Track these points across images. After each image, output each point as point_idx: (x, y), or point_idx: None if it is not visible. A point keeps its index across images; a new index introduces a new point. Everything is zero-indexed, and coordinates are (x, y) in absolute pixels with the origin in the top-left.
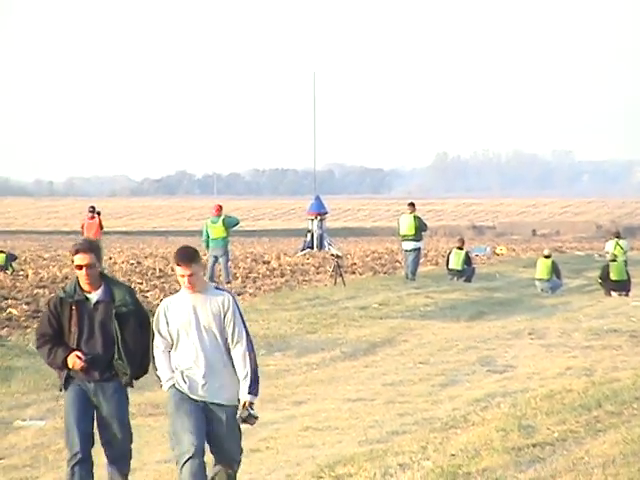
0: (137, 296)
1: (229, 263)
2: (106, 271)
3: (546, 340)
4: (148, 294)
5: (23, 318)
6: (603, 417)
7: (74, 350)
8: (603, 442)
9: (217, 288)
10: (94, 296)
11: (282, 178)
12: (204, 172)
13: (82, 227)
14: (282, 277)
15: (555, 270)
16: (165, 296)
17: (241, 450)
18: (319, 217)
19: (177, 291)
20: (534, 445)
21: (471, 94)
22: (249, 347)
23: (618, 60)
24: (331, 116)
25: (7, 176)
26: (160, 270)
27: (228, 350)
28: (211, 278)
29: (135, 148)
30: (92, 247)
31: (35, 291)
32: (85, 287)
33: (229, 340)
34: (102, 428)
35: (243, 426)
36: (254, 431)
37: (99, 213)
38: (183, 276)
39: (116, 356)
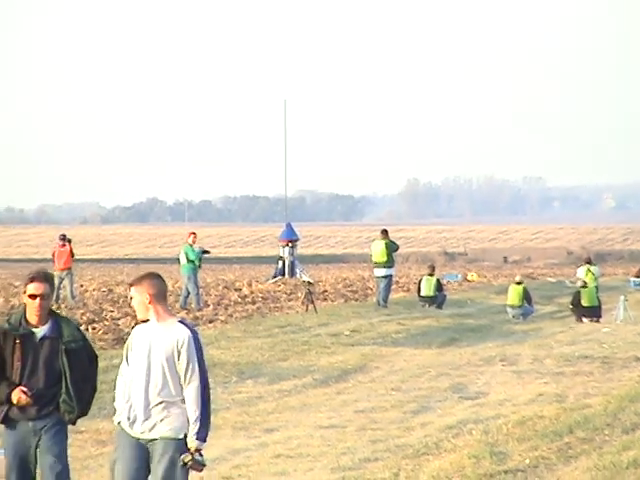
0: (84, 332)
1: (200, 290)
2: (76, 299)
3: (518, 366)
4: (120, 321)
5: None
6: (575, 443)
7: (17, 385)
8: (575, 468)
9: (181, 322)
10: (40, 331)
11: (253, 205)
12: (175, 199)
13: (53, 255)
14: (254, 304)
15: (526, 296)
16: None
17: None
18: (290, 244)
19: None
20: (506, 472)
21: (442, 121)
22: (202, 389)
23: (587, 88)
24: (302, 143)
25: None
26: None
27: (180, 387)
28: (183, 305)
29: (106, 175)
30: (48, 277)
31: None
32: (32, 320)
33: (182, 379)
34: (42, 464)
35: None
36: (226, 458)
37: (70, 241)
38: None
39: (63, 394)
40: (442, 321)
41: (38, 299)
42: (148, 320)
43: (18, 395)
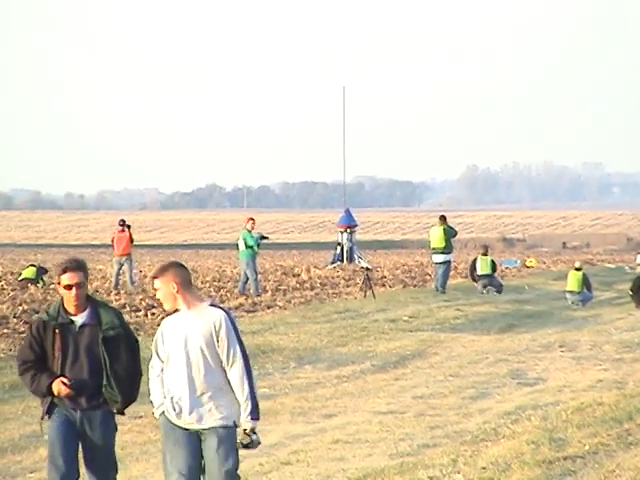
0: (125, 319)
1: (259, 276)
2: (136, 284)
3: (577, 353)
4: None
5: None
6: (635, 430)
7: (59, 376)
8: (635, 455)
9: (212, 305)
10: (79, 319)
11: (312, 191)
12: (234, 185)
13: (112, 240)
14: (312, 290)
15: (586, 283)
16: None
17: (238, 477)
18: (349, 230)
19: (202, 297)
20: (565, 458)
21: (501, 106)
22: (246, 368)
23: None
24: (361, 129)
25: (38, 190)
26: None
27: (223, 371)
28: (241, 291)
29: (165, 161)
30: (81, 265)
31: None
32: (70, 309)
33: (224, 362)
34: (87, 458)
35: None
36: (285, 444)
37: (129, 226)
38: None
39: (105, 383)
40: (501, 307)
41: (74, 289)
42: (176, 310)
43: (59, 386)
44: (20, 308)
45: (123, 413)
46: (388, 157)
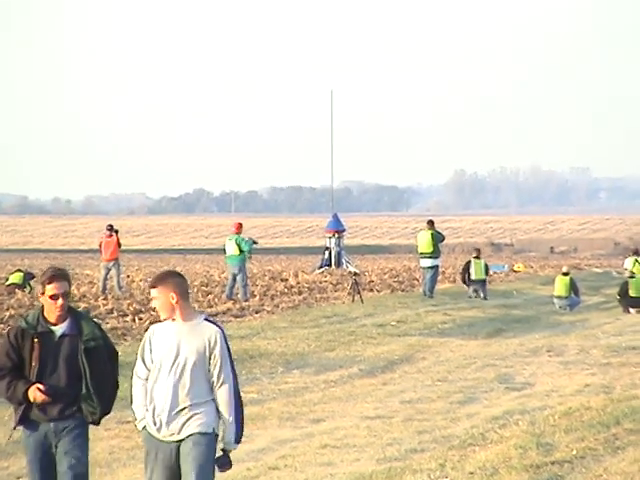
0: (105, 330)
1: (247, 281)
2: (123, 289)
3: (564, 357)
4: None
5: None
6: (622, 434)
7: (35, 383)
8: (622, 459)
9: (207, 320)
10: (59, 329)
11: (299, 196)
12: (222, 190)
13: (100, 245)
14: (300, 295)
15: (573, 287)
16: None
17: None
18: (337, 235)
19: (197, 310)
20: (553, 463)
21: (488, 111)
22: (235, 390)
23: (634, 77)
24: (348, 134)
25: (25, 194)
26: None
27: (209, 386)
28: (229, 296)
29: (153, 166)
30: (66, 275)
31: None
32: (52, 319)
33: (214, 379)
34: (61, 469)
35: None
36: (273, 449)
37: (117, 231)
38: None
39: (84, 393)
40: (488, 312)
41: (60, 298)
42: (167, 319)
43: (34, 392)
44: (7, 313)
45: (98, 424)
46: (376, 162)
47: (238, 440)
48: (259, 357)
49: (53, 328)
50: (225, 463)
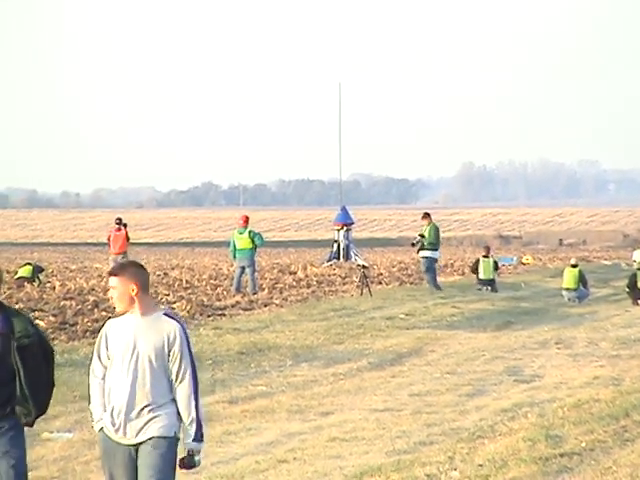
0: (38, 326)
1: (256, 274)
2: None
3: (573, 350)
4: (175, 305)
5: (50, 330)
6: (631, 427)
7: None
8: (631, 452)
9: (167, 314)
10: None
11: (308, 189)
12: (230, 183)
13: (109, 239)
14: (308, 288)
15: (582, 279)
16: (192, 308)
17: None
18: (345, 227)
19: (203, 303)
20: (562, 455)
21: (497, 104)
22: (194, 387)
23: None
24: (357, 126)
25: (34, 188)
26: (187, 281)
27: (169, 385)
28: (237, 289)
29: (161, 159)
30: None
31: (62, 303)
32: None
33: (172, 377)
34: (1, 466)
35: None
36: (281, 442)
37: (125, 225)
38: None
39: (18, 395)
40: (497, 304)
41: None
42: (124, 313)
43: None
44: (16, 307)
45: (32, 425)
46: (384, 154)
47: (199, 439)
48: (268, 350)
49: None
50: (189, 464)
